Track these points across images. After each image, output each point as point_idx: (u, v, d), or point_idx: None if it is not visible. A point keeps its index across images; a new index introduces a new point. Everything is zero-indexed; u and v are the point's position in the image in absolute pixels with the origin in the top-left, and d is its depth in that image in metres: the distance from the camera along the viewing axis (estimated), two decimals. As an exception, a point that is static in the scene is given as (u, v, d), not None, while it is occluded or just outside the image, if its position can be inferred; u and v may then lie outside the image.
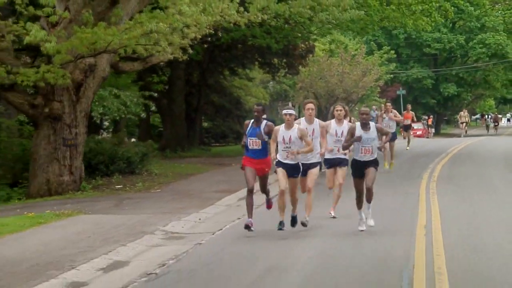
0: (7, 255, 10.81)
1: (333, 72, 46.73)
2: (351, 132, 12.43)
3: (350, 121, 14.61)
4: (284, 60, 34.79)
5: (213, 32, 20.02)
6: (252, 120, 12.63)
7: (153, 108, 32.36)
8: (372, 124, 12.41)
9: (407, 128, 31.28)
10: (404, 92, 64.41)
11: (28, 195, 19.30)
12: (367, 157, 12.31)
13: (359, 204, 12.48)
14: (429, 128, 62.55)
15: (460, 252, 10.37)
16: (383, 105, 34.97)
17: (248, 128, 12.57)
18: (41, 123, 19.41)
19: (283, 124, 12.23)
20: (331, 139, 13.73)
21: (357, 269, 9.48)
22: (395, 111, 25.64)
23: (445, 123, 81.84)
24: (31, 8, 17.01)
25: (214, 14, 18.59)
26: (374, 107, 39.44)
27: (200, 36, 18.63)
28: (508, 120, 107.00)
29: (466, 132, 57.46)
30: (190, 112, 33.67)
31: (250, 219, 12.45)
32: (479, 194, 17.38)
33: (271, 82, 50.16)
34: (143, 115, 32.02)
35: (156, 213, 15.28)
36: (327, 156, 13.81)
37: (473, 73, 67.34)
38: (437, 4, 28.38)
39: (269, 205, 13.40)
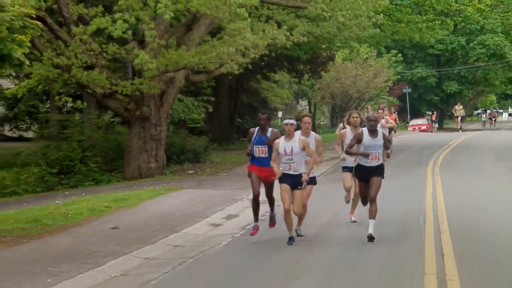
0: (160, 210, 16.37)
1: (347, 74, 51.83)
2: (358, 137, 12.21)
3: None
4: (309, 66, 40.11)
5: (268, 52, 25.48)
6: (258, 128, 12.64)
7: (210, 109, 37.78)
8: (380, 131, 12.35)
9: (389, 130, 28.66)
10: (409, 90, 68.14)
11: (124, 178, 24.89)
12: (373, 163, 12.20)
13: (365, 204, 12.83)
14: (433, 123, 65.16)
15: (455, 207, 15.50)
16: (369, 106, 37.88)
17: (254, 137, 12.57)
18: (133, 123, 25.00)
19: (283, 136, 12.00)
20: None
21: (386, 218, 14.58)
22: (387, 117, 25.97)
23: (448, 118, 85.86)
24: (134, 41, 22.63)
25: (267, 38, 24.05)
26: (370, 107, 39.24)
27: (258, 56, 24.14)
28: (510, 114, 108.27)
29: (461, 127, 57.08)
30: (229, 112, 39.17)
31: (256, 224, 13.01)
32: (472, 174, 22.14)
33: (287, 82, 55.03)
34: (203, 115, 37.60)
35: (233, 188, 20.54)
36: (345, 164, 13.99)
37: (473, 72, 70.95)
38: (439, 22, 33.65)
39: (272, 223, 13.35)
